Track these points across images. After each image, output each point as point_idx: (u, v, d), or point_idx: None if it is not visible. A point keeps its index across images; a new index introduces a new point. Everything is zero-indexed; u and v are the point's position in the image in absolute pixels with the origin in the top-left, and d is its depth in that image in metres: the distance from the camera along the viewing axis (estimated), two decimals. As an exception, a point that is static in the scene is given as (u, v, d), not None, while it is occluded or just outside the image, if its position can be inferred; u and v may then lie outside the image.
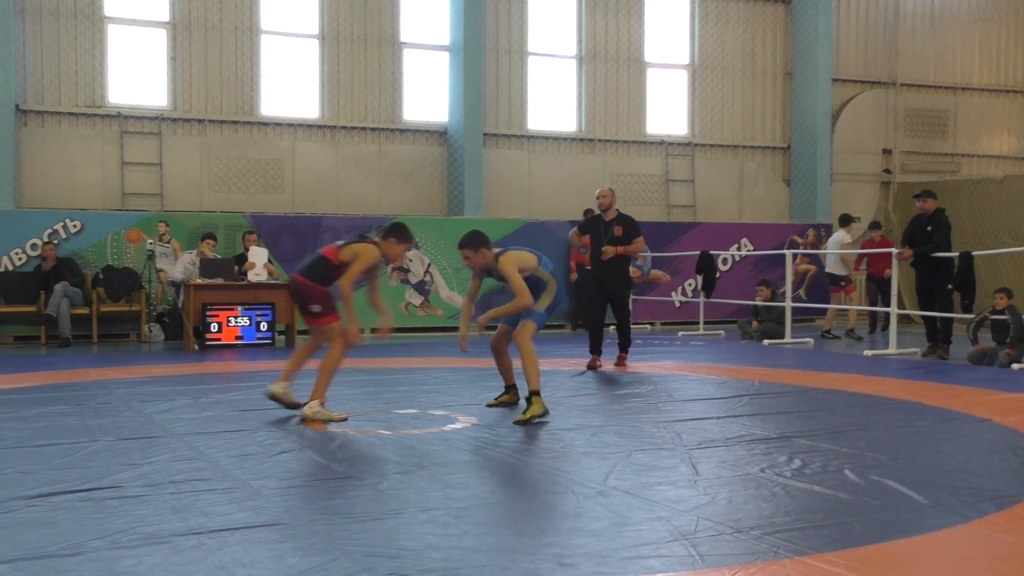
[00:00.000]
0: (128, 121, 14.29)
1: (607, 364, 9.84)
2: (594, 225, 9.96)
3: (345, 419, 6.33)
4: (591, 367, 9.73)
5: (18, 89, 13.56)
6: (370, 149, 15.57)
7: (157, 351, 11.88)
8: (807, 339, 12.77)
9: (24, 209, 13.34)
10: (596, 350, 9.85)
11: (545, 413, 6.38)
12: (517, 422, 6.24)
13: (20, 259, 12.93)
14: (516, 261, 6.63)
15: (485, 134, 15.83)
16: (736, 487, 4.54)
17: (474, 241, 6.75)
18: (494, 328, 7.11)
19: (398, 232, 6.58)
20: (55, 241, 12.85)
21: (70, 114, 14.05)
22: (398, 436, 5.85)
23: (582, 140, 16.92)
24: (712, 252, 14.50)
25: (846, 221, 14.39)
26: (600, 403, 7.39)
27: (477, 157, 15.52)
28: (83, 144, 14.09)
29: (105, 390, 7.93)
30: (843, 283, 14.18)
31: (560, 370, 9.46)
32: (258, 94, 15.04)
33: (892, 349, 11.08)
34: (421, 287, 14.77)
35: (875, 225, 15.13)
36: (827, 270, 14.44)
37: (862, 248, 14.51)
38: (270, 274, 12.51)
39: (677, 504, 4.19)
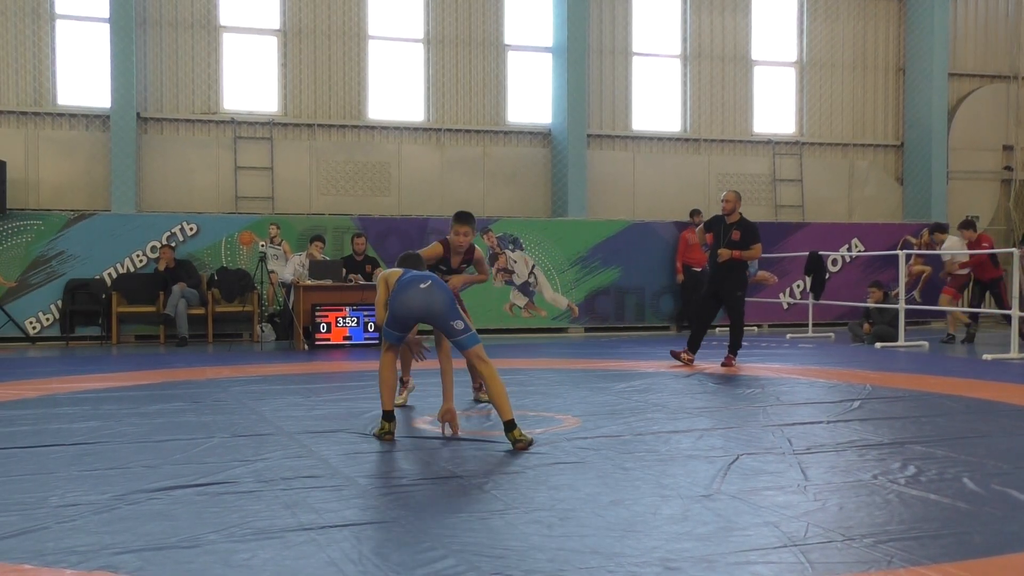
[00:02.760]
0: (241, 127, 14.73)
1: (713, 366, 9.71)
2: (716, 225, 10.05)
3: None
4: (676, 355, 9.88)
5: (139, 97, 14.10)
6: (474, 151, 15.70)
7: (268, 351, 12.20)
8: (922, 342, 12.37)
9: (144, 213, 13.87)
10: (693, 347, 9.94)
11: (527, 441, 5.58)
12: (519, 448, 5.55)
13: (141, 261, 13.45)
14: (386, 275, 6.26)
15: (589, 135, 15.80)
16: (847, 493, 4.42)
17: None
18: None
19: (453, 220, 7.17)
20: (173, 244, 13.32)
21: (187, 121, 14.56)
22: (503, 437, 5.87)
23: (687, 140, 16.73)
24: (821, 253, 14.17)
25: (965, 226, 13.63)
26: (707, 405, 7.29)
27: (581, 158, 15.50)
28: (199, 150, 14.57)
29: (220, 388, 8.18)
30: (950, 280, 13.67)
31: (666, 372, 9.38)
32: (365, 98, 15.32)
33: (1014, 353, 10.64)
34: (526, 288, 14.82)
35: (967, 224, 14.13)
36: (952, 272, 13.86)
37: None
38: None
39: (786, 510, 4.10)
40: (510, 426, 5.58)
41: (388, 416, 5.86)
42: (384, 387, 5.93)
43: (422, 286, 5.77)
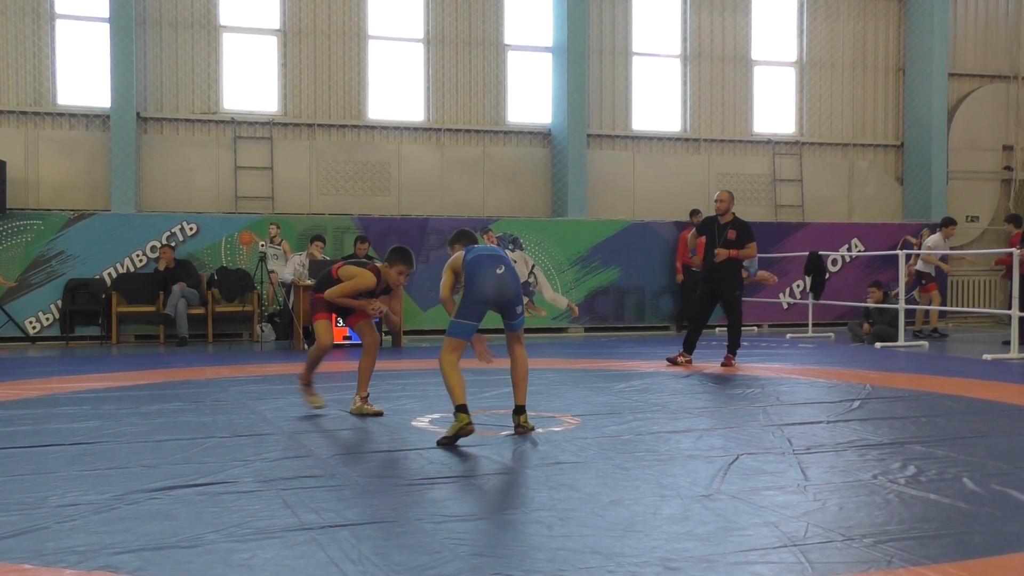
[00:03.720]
0: (241, 127, 14.73)
1: (712, 366, 9.72)
2: (709, 227, 10.05)
3: (322, 406, 6.84)
4: (673, 361, 9.83)
5: (139, 97, 14.10)
6: (474, 151, 15.70)
7: (268, 350, 12.21)
8: (921, 342, 12.37)
9: (144, 213, 13.86)
10: (688, 348, 9.95)
11: (463, 430, 5.52)
12: (440, 443, 5.58)
13: (141, 261, 13.45)
14: (451, 263, 6.00)
15: (589, 135, 15.80)
16: (847, 493, 4.42)
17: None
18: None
19: (396, 257, 6.59)
20: (173, 244, 13.32)
21: (187, 121, 14.56)
22: (503, 437, 5.88)
23: (687, 140, 16.74)
24: (821, 253, 14.18)
25: (947, 223, 13.99)
26: (707, 405, 7.29)
27: (581, 158, 15.50)
28: (199, 149, 14.57)
29: (219, 388, 8.19)
30: (924, 281, 13.90)
31: (665, 372, 9.38)
32: (365, 98, 15.32)
33: (1013, 353, 10.65)
34: (525, 288, 14.79)
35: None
36: (919, 269, 14.09)
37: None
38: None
39: (786, 509, 4.10)
40: (520, 410, 5.93)
41: (464, 408, 5.53)
42: (459, 385, 5.58)
43: (498, 271, 5.72)
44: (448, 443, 5.53)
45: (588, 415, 6.69)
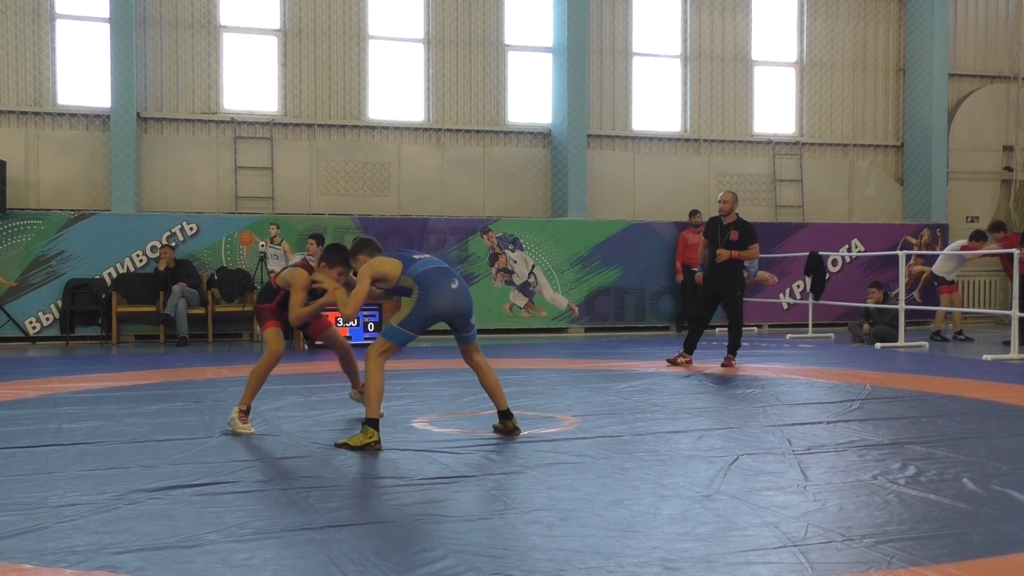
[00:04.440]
0: (241, 127, 14.73)
1: (712, 366, 9.72)
2: (712, 227, 10.04)
3: (252, 434, 5.97)
4: (673, 362, 9.86)
5: (139, 97, 14.10)
6: (474, 151, 15.70)
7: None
8: (921, 342, 12.38)
9: (144, 213, 13.86)
10: (689, 348, 9.96)
11: (370, 446, 5.40)
12: (337, 444, 5.54)
13: (141, 261, 13.45)
14: (369, 271, 5.68)
15: (589, 135, 15.80)
16: (847, 494, 4.43)
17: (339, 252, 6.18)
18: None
19: (330, 255, 6.14)
20: (173, 244, 13.32)
21: (187, 120, 14.56)
22: (503, 437, 5.88)
23: (687, 140, 16.74)
24: (821, 253, 14.17)
25: (978, 237, 13.48)
26: (707, 406, 7.29)
27: (581, 158, 15.50)
28: (199, 150, 14.57)
29: (220, 388, 8.18)
30: (937, 283, 13.79)
31: (666, 372, 9.38)
32: (365, 98, 15.32)
33: (1014, 354, 10.65)
34: (525, 288, 14.82)
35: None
36: (933, 270, 13.93)
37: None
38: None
39: (786, 510, 4.11)
40: (507, 415, 5.92)
41: (376, 424, 5.49)
42: (379, 393, 5.55)
43: (453, 287, 5.63)
44: (346, 449, 5.38)
45: (588, 415, 6.69)
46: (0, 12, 13.85)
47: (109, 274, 13.31)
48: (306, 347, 12.07)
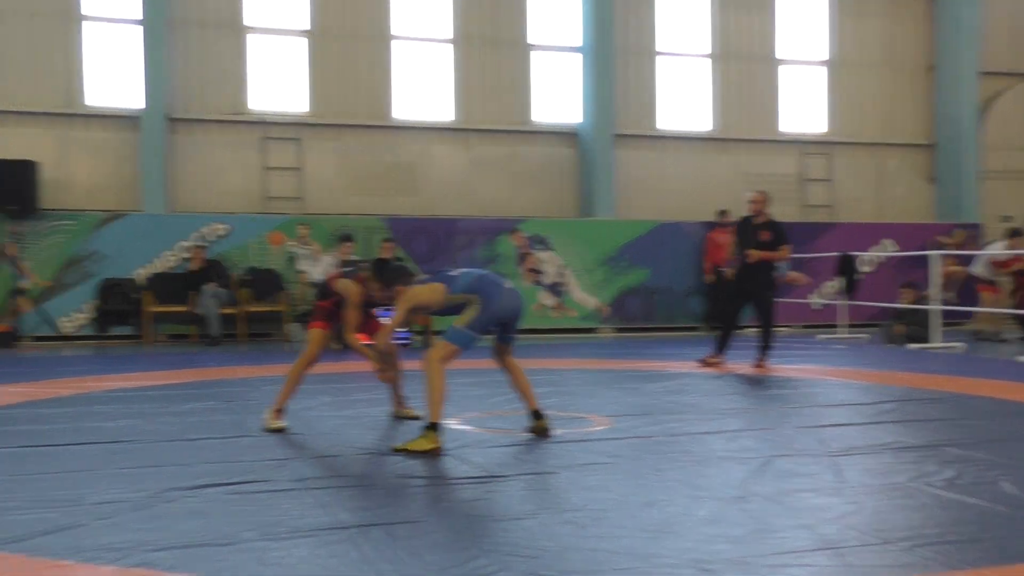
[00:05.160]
0: (270, 127, 14.81)
1: (744, 367, 9.66)
2: (743, 227, 9.96)
3: (284, 429, 6.06)
4: (704, 362, 9.77)
5: (168, 99, 14.20)
6: (501, 151, 15.70)
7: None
8: (956, 343, 12.24)
9: (175, 214, 13.97)
10: (720, 349, 9.86)
11: (432, 452, 5.30)
12: (395, 449, 5.44)
13: (172, 261, 13.55)
14: (410, 302, 5.74)
15: (616, 135, 15.76)
16: (883, 496, 4.38)
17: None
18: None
19: (380, 275, 6.15)
20: (204, 244, 13.41)
21: (216, 121, 14.65)
22: (535, 437, 5.87)
23: (714, 140, 16.67)
24: (851, 253, 14.05)
25: (1016, 234, 13.39)
26: (739, 407, 7.25)
27: (608, 158, 15.47)
28: (228, 150, 14.67)
29: (252, 387, 8.23)
30: (983, 282, 13.62)
31: (697, 373, 9.34)
32: (393, 99, 15.35)
33: (1048, 355, 10.51)
34: (555, 288, 14.81)
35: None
36: (975, 272, 13.79)
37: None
38: None
39: (821, 512, 4.07)
40: (537, 415, 5.91)
41: (439, 429, 5.40)
42: (442, 397, 5.46)
43: (507, 287, 5.76)
44: (406, 455, 5.29)
45: (620, 416, 6.67)
46: (30, 15, 13.99)
47: (141, 274, 13.42)
48: (339, 347, 12.08)
